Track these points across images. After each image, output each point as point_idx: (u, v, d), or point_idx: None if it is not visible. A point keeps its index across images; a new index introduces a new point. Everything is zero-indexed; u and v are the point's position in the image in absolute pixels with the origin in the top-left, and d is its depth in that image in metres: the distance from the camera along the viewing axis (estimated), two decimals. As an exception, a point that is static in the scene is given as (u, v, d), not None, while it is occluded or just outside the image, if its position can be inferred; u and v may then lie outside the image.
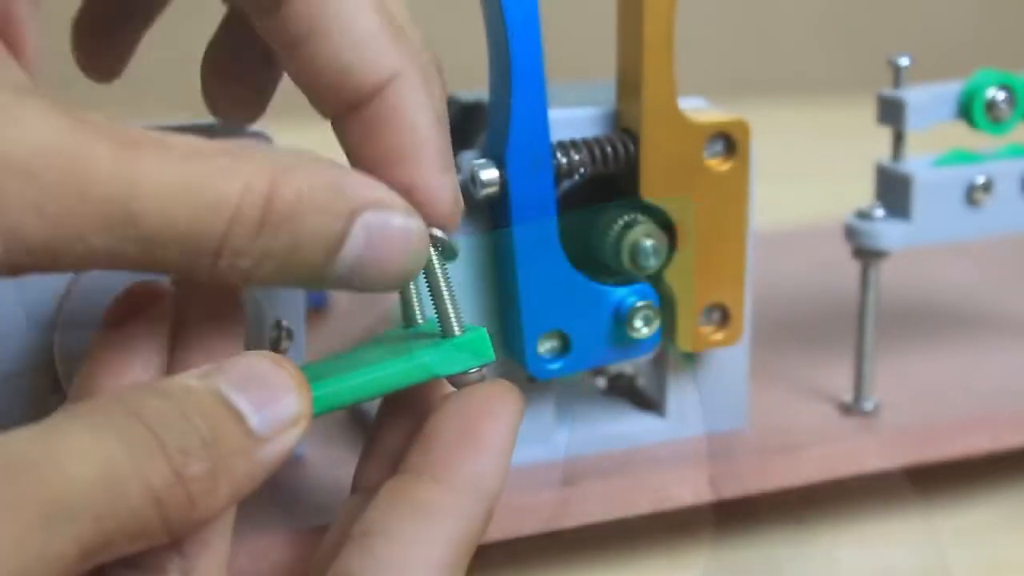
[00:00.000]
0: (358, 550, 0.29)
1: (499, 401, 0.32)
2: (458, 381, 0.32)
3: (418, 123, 0.32)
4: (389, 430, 0.34)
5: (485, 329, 0.33)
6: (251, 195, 0.28)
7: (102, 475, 0.26)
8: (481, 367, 0.32)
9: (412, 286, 0.34)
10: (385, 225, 0.30)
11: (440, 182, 0.32)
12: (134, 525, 0.26)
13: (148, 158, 0.27)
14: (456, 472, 0.30)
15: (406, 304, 0.34)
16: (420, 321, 0.34)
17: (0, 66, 0.28)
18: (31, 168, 0.26)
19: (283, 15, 0.31)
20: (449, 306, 0.32)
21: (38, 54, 0.30)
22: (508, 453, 0.31)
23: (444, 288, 0.32)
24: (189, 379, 0.29)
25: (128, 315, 0.31)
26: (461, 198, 0.33)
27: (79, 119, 0.27)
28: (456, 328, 0.32)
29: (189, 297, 0.32)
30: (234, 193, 0.28)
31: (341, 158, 0.33)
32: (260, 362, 0.29)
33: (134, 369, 0.31)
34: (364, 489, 0.33)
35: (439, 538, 0.30)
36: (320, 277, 0.30)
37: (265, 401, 0.29)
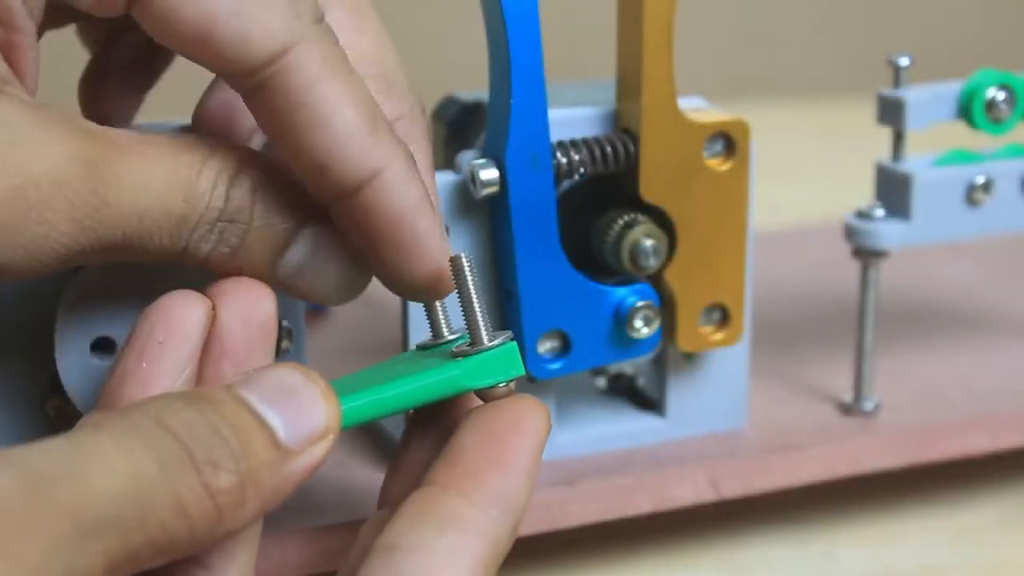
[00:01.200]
0: (382, 564, 0.29)
1: (527, 417, 0.31)
2: (486, 395, 0.32)
3: (403, 213, 0.32)
4: (416, 446, 0.34)
5: (515, 342, 0.32)
6: (218, 190, 0.31)
7: (131, 489, 0.26)
8: (509, 381, 0.32)
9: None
10: (330, 239, 0.32)
11: (431, 267, 0.33)
12: (162, 538, 0.26)
13: (147, 159, 0.30)
14: (483, 488, 0.30)
15: (432, 320, 0.34)
16: (447, 335, 0.34)
17: (9, 89, 0.30)
18: (58, 181, 0.29)
19: (263, 103, 0.31)
20: (479, 317, 0.32)
21: (36, 78, 0.32)
22: (535, 470, 0.31)
23: (475, 299, 0.32)
24: (218, 391, 0.29)
25: (159, 324, 0.31)
26: (448, 270, 0.33)
27: (88, 130, 0.30)
28: (485, 338, 0.32)
29: (221, 307, 0.32)
30: (207, 186, 0.31)
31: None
32: (290, 375, 0.29)
33: (163, 379, 0.31)
34: (392, 504, 0.33)
35: (465, 554, 0.29)
36: (266, 273, 0.32)
37: (294, 414, 0.29)
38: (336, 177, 0.32)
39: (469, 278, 0.32)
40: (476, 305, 0.32)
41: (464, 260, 0.32)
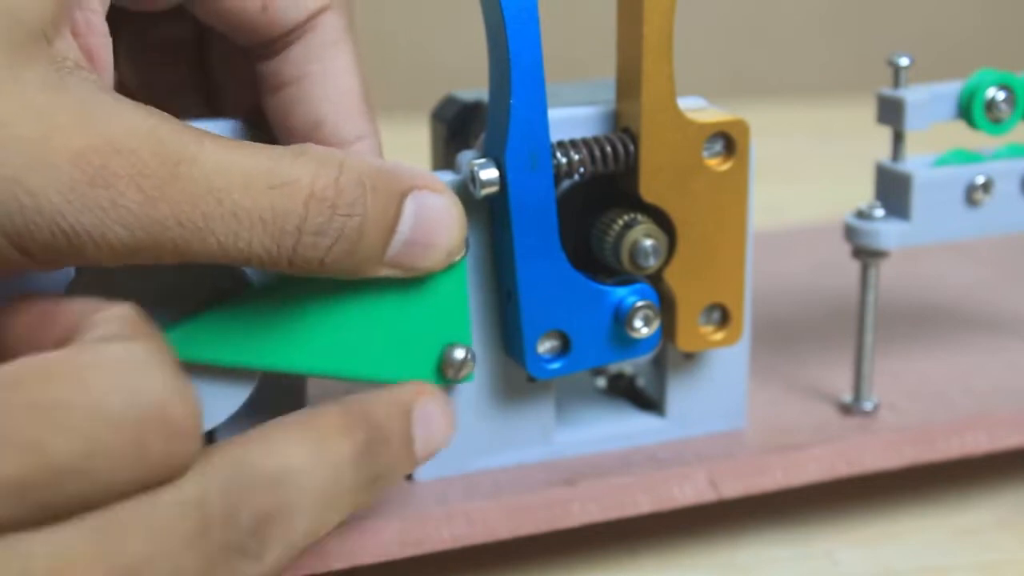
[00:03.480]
0: None
1: None
2: None
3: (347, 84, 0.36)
4: None
5: None
6: (322, 180, 0.31)
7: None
8: None
9: None
10: (430, 204, 0.34)
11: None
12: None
13: (226, 147, 0.31)
14: None
15: None
16: None
17: (85, 73, 0.31)
18: (130, 147, 0.29)
19: (280, 58, 0.35)
20: None
21: (110, 65, 0.33)
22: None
23: None
24: None
25: None
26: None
27: (165, 115, 0.31)
28: None
29: None
30: (306, 176, 0.31)
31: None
32: None
33: None
34: None
35: None
36: (377, 259, 0.33)
37: None
38: (327, 135, 0.35)
39: None
40: None
41: None
